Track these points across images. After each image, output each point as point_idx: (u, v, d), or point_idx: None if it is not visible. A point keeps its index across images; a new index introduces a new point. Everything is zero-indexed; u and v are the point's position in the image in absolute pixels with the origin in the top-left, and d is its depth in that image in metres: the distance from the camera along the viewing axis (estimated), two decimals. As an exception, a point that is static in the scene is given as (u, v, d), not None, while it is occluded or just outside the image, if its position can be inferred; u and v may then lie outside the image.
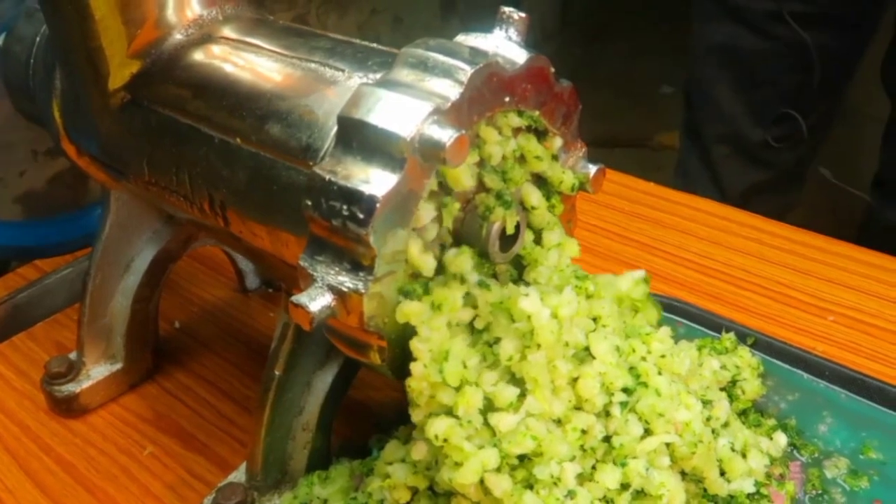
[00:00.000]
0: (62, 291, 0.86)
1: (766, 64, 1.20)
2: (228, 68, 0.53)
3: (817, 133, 1.29)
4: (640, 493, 0.46)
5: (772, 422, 0.61)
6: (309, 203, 0.44)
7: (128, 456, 0.66)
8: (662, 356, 0.50)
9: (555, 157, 0.51)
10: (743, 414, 0.60)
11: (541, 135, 0.51)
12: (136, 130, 0.57)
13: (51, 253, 0.85)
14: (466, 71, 0.43)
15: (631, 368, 0.49)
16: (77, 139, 0.63)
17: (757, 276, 0.80)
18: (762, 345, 0.67)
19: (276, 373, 0.56)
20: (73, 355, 0.71)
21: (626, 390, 0.47)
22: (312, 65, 0.50)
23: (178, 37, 0.56)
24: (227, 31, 0.56)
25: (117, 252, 0.69)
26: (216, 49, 0.55)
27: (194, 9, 0.57)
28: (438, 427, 0.44)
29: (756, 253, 0.83)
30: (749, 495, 0.49)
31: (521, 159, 0.50)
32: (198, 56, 0.55)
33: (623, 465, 0.46)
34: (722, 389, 0.57)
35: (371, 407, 0.68)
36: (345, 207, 0.42)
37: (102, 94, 0.57)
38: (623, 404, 0.47)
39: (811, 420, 0.62)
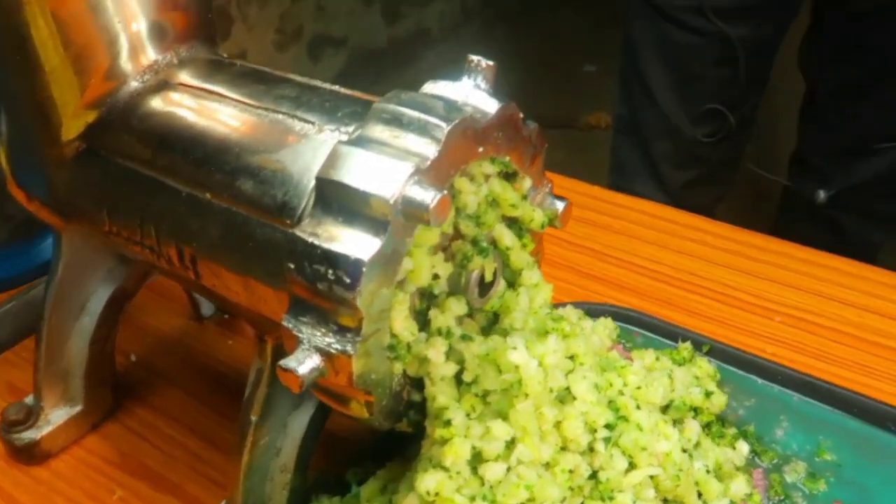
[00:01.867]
0: (6, 326, 0.83)
1: (696, 59, 1.23)
2: (191, 118, 0.52)
3: (747, 126, 1.33)
4: None
5: (732, 430, 0.64)
6: (292, 266, 0.44)
7: (97, 501, 0.65)
8: (638, 388, 0.51)
9: (524, 197, 0.52)
10: (707, 427, 0.62)
11: (510, 177, 0.51)
12: (95, 180, 0.56)
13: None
14: (443, 128, 0.44)
15: (610, 402, 0.50)
16: (26, 185, 0.61)
17: (704, 279, 0.83)
18: (717, 352, 0.69)
19: (253, 418, 0.56)
20: (29, 400, 0.69)
21: (608, 426, 0.49)
22: (280, 116, 0.50)
23: (133, 84, 0.55)
24: (185, 77, 0.55)
25: (71, 294, 0.67)
26: (176, 97, 0.54)
27: (148, 55, 0.55)
28: (429, 483, 0.45)
29: (702, 255, 0.85)
30: None
31: (493, 203, 0.51)
32: (157, 104, 0.54)
33: (611, 499, 0.47)
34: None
35: (342, 436, 0.68)
36: (330, 271, 0.42)
37: (55, 144, 0.56)
38: (606, 440, 0.48)
39: (769, 425, 0.65)
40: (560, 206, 0.53)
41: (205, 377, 0.76)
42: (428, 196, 0.42)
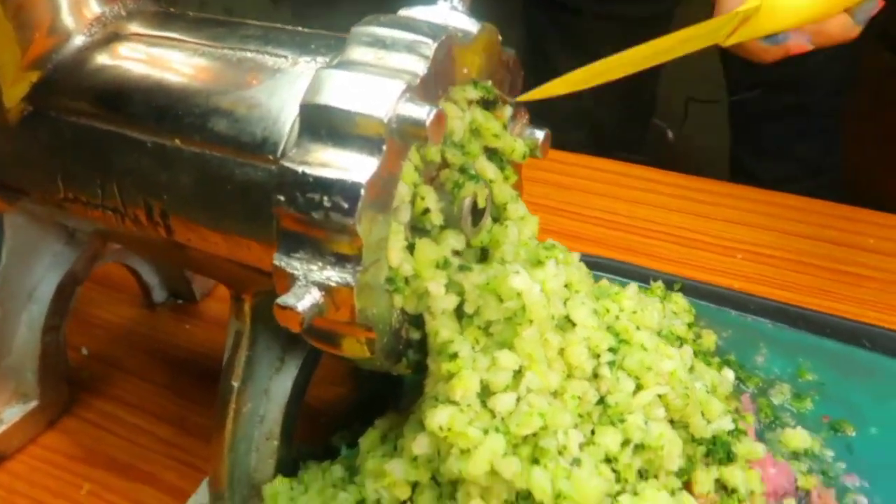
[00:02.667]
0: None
1: (599, 42, 1.23)
2: (151, 66, 0.49)
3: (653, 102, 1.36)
4: (639, 448, 0.47)
5: (716, 360, 0.64)
6: (282, 199, 0.41)
7: (64, 499, 0.61)
8: (634, 312, 0.51)
9: (504, 127, 0.51)
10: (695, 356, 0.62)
11: (490, 105, 0.50)
12: (44, 145, 0.52)
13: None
14: (430, 45, 0.42)
15: (609, 327, 0.49)
16: (-37, 162, 0.57)
17: (661, 225, 0.83)
18: (689, 289, 0.70)
19: (234, 384, 0.53)
20: (-22, 400, 0.65)
21: (611, 349, 0.48)
22: (249, 54, 0.47)
23: (80, 39, 0.52)
24: (137, 28, 0.52)
25: (17, 282, 0.63)
26: (130, 47, 0.51)
27: (92, 8, 0.52)
28: (440, 417, 0.43)
29: (656, 203, 0.86)
30: (729, 432, 0.51)
31: (476, 133, 0.49)
32: (110, 56, 0.51)
33: (622, 421, 0.46)
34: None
35: (316, 405, 0.66)
36: (325, 198, 0.40)
37: (-4, 109, 0.52)
38: (611, 363, 0.47)
39: (748, 353, 0.66)
40: (540, 135, 0.52)
41: (165, 364, 0.72)
42: (423, 112, 0.40)
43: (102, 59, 0.51)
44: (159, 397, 0.69)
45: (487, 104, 0.50)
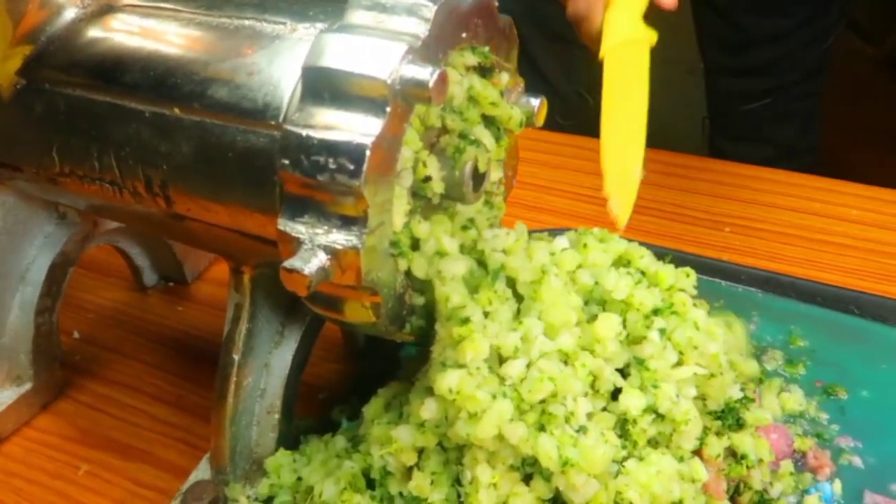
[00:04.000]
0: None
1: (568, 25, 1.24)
2: (147, 37, 0.49)
3: None
4: (659, 418, 0.47)
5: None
6: (286, 162, 0.41)
7: (62, 479, 0.61)
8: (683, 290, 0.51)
9: (501, 94, 0.51)
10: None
11: (486, 72, 0.50)
12: (38, 118, 0.51)
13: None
14: (431, 7, 0.42)
15: (663, 299, 0.49)
16: (-47, 140, 0.56)
17: (650, 201, 0.83)
18: (678, 261, 0.70)
19: (235, 357, 0.53)
20: (-29, 383, 0.64)
21: (656, 312, 0.48)
22: (247, 21, 0.47)
23: (72, 11, 0.51)
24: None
25: (9, 263, 0.62)
26: (125, 18, 0.50)
27: (85, -21, 0.52)
28: (451, 380, 0.44)
29: (643, 180, 0.86)
30: (738, 400, 0.52)
31: (473, 100, 0.49)
32: (104, 28, 0.50)
33: (655, 387, 0.46)
34: None
35: (313, 382, 0.66)
36: (331, 160, 0.40)
37: (-12, 84, 0.52)
38: (662, 331, 0.47)
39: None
40: (535, 103, 0.53)
41: (159, 346, 0.72)
42: (426, 72, 0.40)
43: (96, 30, 0.50)
44: (154, 378, 0.68)
45: (484, 71, 0.50)
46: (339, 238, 0.41)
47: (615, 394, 0.47)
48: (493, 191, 0.54)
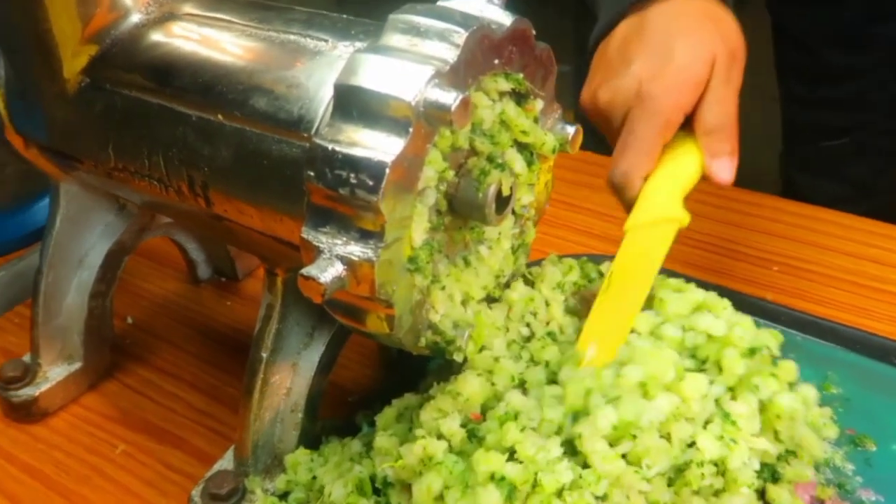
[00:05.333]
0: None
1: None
2: (200, 45, 0.52)
3: None
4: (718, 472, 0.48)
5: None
6: (312, 174, 0.43)
7: (99, 456, 0.64)
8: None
9: (535, 120, 0.52)
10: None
11: (521, 98, 0.51)
12: (98, 115, 0.55)
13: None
14: (462, 34, 0.44)
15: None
16: (24, 129, 0.60)
17: (702, 234, 0.83)
18: (723, 295, 0.70)
19: (263, 355, 0.55)
20: (27, 358, 0.68)
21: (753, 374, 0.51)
22: (292, 36, 0.49)
23: (137, 16, 0.54)
24: (190, 8, 0.54)
25: (69, 248, 0.66)
26: (183, 26, 0.53)
27: (152, -14, 0.55)
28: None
29: (698, 212, 0.85)
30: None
31: (505, 125, 0.50)
32: (163, 34, 0.53)
33: (734, 441, 0.48)
34: None
35: (346, 385, 0.68)
36: (352, 175, 0.42)
37: (55, 81, 0.55)
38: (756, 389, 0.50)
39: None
40: (570, 130, 0.54)
41: (205, 337, 0.75)
42: (450, 97, 0.41)
43: (156, 36, 0.53)
44: (196, 368, 0.71)
45: (520, 97, 0.51)
46: (356, 250, 0.43)
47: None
48: (524, 214, 0.55)
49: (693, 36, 0.58)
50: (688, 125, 0.59)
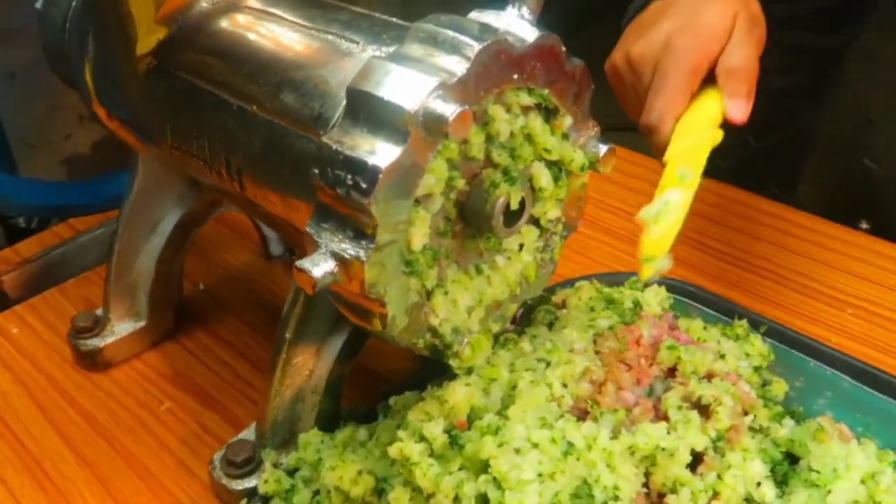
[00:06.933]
0: (93, 250, 0.88)
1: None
2: (250, 37, 0.55)
3: None
4: None
5: (778, 408, 0.61)
6: (316, 171, 0.45)
7: (146, 410, 0.69)
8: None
9: (565, 136, 0.52)
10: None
11: (551, 113, 0.51)
12: (161, 95, 0.59)
13: (83, 212, 0.88)
14: (474, 47, 0.44)
15: None
16: (107, 103, 0.65)
17: (777, 265, 0.80)
18: (774, 332, 0.67)
19: (287, 336, 0.58)
20: (99, 311, 0.74)
21: None
22: (329, 36, 0.51)
23: (204, 5, 0.58)
24: (252, 1, 0.57)
25: (144, 214, 0.71)
26: (240, 18, 0.56)
27: (221, -23, 0.58)
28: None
29: (777, 241, 0.82)
30: None
31: (530, 138, 0.51)
32: (222, 24, 0.56)
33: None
34: None
35: (381, 373, 0.69)
36: (349, 177, 0.43)
37: (130, 60, 0.59)
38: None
39: (811, 399, 0.63)
40: (603, 149, 0.53)
41: (264, 311, 0.79)
42: (448, 109, 0.42)
43: (215, 25, 0.57)
44: (249, 338, 0.75)
45: (548, 112, 0.51)
46: (349, 248, 0.45)
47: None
48: (550, 228, 0.55)
49: (718, 3, 0.66)
50: (712, 80, 0.65)
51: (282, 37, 0.53)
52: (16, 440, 0.66)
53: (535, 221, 0.54)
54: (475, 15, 0.49)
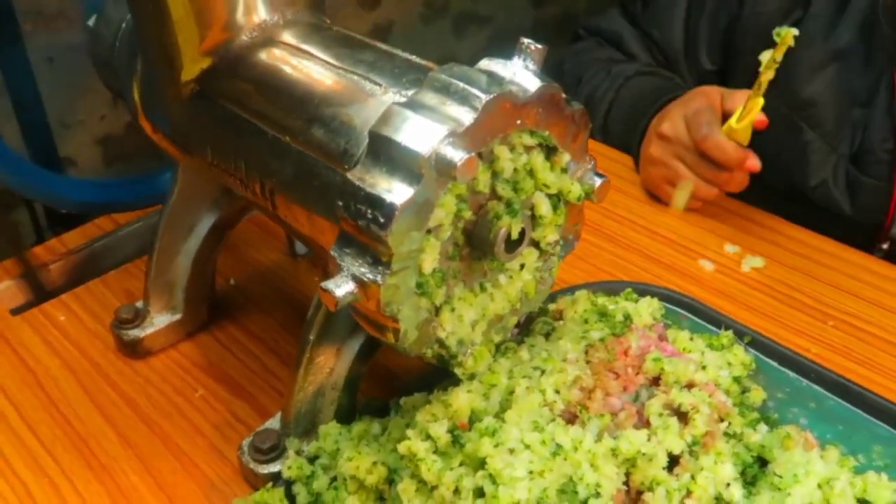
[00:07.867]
0: (133, 243, 0.96)
1: None
2: (285, 72, 0.61)
3: None
4: None
5: (754, 415, 0.67)
6: (341, 204, 0.51)
7: (182, 396, 0.76)
8: None
9: (564, 170, 0.58)
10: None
11: (551, 151, 0.57)
12: (202, 119, 0.65)
13: (126, 209, 0.95)
14: (481, 99, 0.50)
15: None
16: (152, 118, 0.71)
17: (766, 276, 0.85)
18: (758, 344, 0.73)
19: (311, 338, 0.64)
20: (139, 304, 0.81)
21: None
22: (355, 77, 0.57)
23: (244, 39, 0.64)
24: (287, 37, 0.63)
25: (182, 218, 0.78)
26: (276, 53, 0.62)
27: (259, 14, 0.64)
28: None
29: (777, 257, 0.88)
30: None
31: (532, 173, 0.56)
32: (260, 58, 0.62)
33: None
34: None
35: (395, 370, 0.76)
36: (369, 211, 0.50)
37: (175, 85, 0.65)
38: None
39: (791, 414, 0.68)
40: (598, 181, 0.59)
41: (292, 307, 0.85)
42: (457, 156, 0.48)
43: (254, 59, 0.63)
44: (277, 334, 0.82)
45: (549, 149, 0.57)
46: (367, 272, 0.51)
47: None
48: (549, 250, 0.61)
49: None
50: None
51: (314, 74, 0.59)
52: (65, 421, 0.73)
53: (535, 244, 0.60)
54: (485, 63, 0.54)
